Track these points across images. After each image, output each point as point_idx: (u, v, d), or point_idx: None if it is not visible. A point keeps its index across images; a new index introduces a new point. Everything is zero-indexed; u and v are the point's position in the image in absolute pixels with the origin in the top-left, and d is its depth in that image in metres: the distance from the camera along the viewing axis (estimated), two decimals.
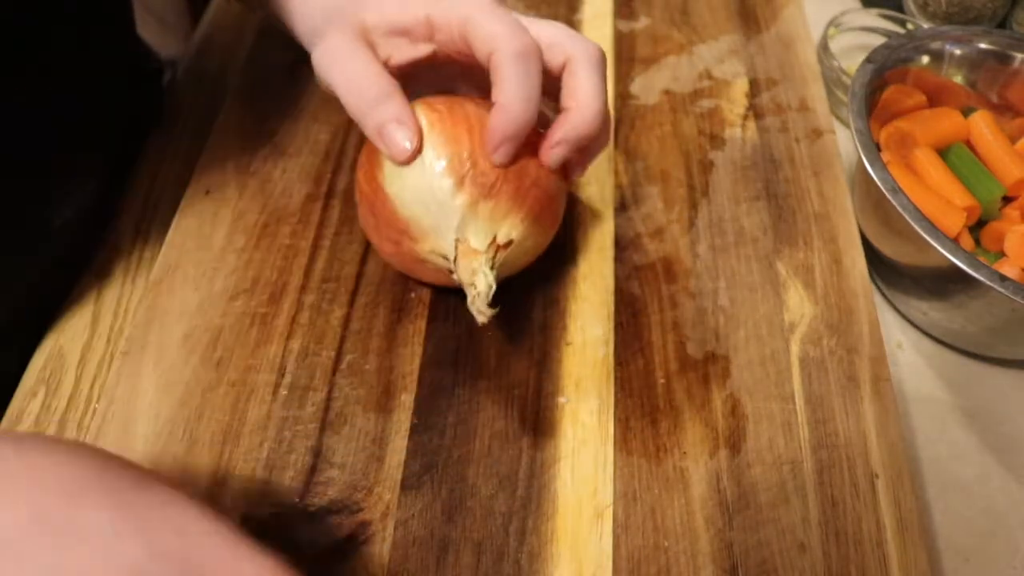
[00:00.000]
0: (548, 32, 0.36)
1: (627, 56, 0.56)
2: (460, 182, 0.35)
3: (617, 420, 0.38)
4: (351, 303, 0.42)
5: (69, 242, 0.42)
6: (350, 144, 0.49)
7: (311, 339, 0.40)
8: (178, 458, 0.36)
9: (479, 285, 0.35)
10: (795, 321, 0.42)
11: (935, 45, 0.51)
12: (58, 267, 0.43)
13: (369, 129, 0.36)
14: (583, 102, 0.35)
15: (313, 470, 0.36)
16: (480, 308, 0.34)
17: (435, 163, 0.35)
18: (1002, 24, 0.62)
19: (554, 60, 0.36)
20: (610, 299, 0.42)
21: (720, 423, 0.38)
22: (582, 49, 0.36)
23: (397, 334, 0.40)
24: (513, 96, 0.34)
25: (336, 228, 0.44)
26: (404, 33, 0.37)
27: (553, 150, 0.36)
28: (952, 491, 0.42)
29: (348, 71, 0.36)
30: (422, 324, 0.41)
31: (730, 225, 0.46)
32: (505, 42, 0.34)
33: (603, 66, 0.36)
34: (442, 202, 0.35)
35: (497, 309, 0.34)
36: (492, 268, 0.35)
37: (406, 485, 0.36)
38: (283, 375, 0.39)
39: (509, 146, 0.35)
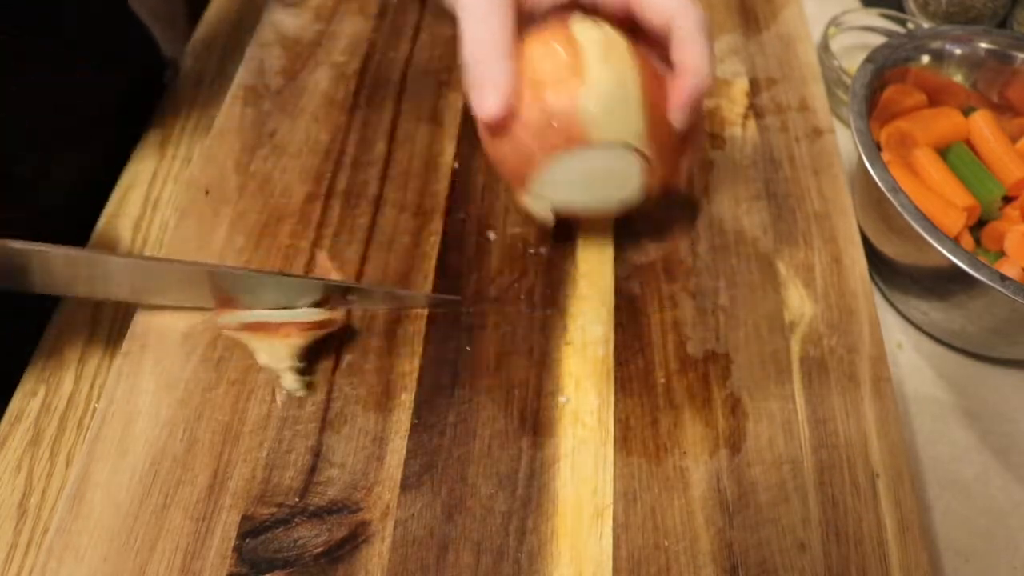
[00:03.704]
0: None
1: None
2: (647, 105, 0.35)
3: (617, 420, 0.38)
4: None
5: (63, 231, 0.43)
6: (350, 144, 0.49)
7: None
8: (178, 458, 0.36)
9: None
10: (795, 320, 0.42)
11: (935, 45, 0.51)
12: None
13: (469, 78, 0.36)
14: (696, 62, 0.36)
15: (313, 470, 0.36)
16: None
17: (632, 78, 0.35)
18: (1002, 24, 0.62)
19: (654, 19, 0.37)
20: (610, 299, 0.42)
21: (720, 422, 0.38)
22: (684, 9, 0.36)
23: (397, 334, 0.40)
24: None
25: (336, 228, 0.44)
26: None
27: (683, 111, 0.36)
28: (952, 491, 0.42)
29: (476, 27, 0.36)
30: (422, 324, 0.41)
31: (730, 225, 0.46)
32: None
33: (708, 27, 0.36)
34: (627, 102, 0.35)
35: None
36: None
37: (406, 485, 0.36)
38: None
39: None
